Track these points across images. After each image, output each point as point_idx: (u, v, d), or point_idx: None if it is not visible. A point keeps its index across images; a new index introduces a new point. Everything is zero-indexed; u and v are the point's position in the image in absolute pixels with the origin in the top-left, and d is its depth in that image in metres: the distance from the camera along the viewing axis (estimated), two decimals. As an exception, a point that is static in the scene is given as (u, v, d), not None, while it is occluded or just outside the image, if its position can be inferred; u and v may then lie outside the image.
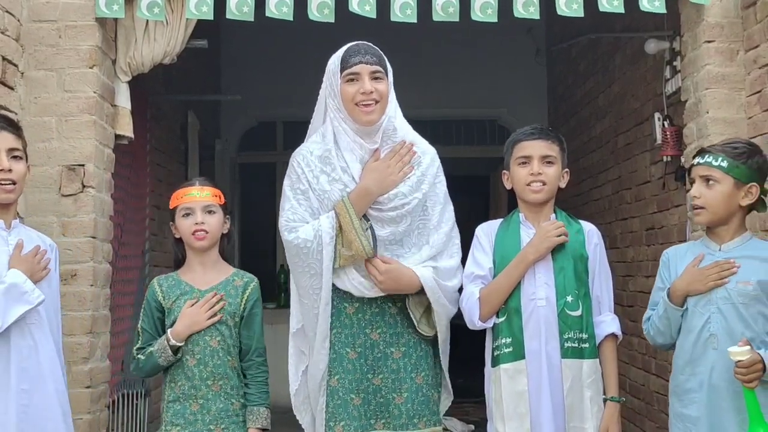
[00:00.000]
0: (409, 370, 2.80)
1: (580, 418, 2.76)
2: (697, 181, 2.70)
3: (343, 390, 2.79)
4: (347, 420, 2.76)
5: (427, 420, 2.80)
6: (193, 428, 2.80)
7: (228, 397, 2.83)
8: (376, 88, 2.77)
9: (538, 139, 2.86)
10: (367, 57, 2.79)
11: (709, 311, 2.64)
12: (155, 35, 3.49)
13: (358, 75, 2.77)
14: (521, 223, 2.89)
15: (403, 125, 2.92)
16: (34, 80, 3.35)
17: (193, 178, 3.08)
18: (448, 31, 4.34)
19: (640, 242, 4.97)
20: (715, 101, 3.41)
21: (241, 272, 2.99)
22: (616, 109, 5.45)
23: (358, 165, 2.83)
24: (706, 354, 2.63)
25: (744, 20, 3.41)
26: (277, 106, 7.74)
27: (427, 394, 2.82)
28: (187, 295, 2.86)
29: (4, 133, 2.62)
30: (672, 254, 2.84)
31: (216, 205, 2.92)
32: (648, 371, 4.77)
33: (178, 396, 2.82)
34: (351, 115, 2.79)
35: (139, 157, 4.85)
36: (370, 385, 2.80)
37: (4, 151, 2.60)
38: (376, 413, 2.79)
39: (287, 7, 3.34)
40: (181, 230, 2.91)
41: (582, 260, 2.84)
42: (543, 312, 2.78)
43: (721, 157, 2.65)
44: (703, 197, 2.67)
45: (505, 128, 8.11)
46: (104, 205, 3.49)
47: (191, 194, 2.91)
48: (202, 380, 2.81)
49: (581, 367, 2.77)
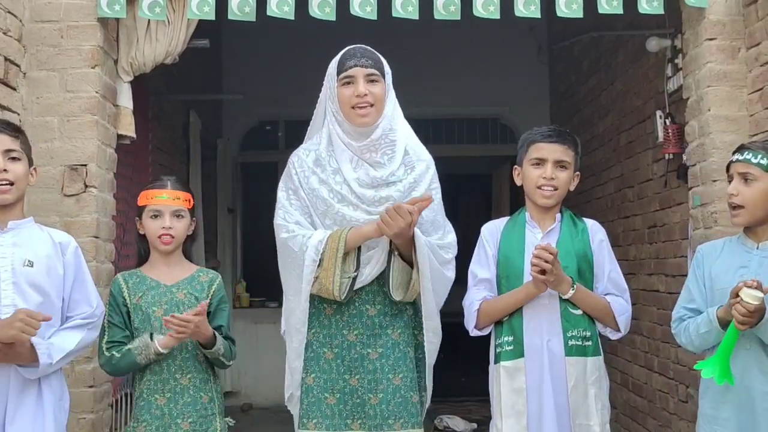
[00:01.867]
0: (386, 371, 2.79)
1: (585, 416, 2.77)
2: (735, 178, 2.64)
3: (317, 389, 2.81)
4: (320, 418, 2.79)
5: (404, 422, 2.77)
6: (160, 422, 2.80)
7: (197, 390, 2.84)
8: (371, 91, 2.78)
9: (555, 143, 2.85)
10: (362, 60, 2.79)
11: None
12: (157, 35, 3.49)
13: (353, 78, 2.78)
14: (527, 222, 2.90)
15: (403, 127, 2.91)
16: (37, 80, 3.36)
17: (164, 177, 3.02)
18: (449, 30, 4.34)
19: (642, 240, 4.97)
20: (717, 99, 3.41)
21: (204, 269, 3.02)
22: (618, 107, 5.44)
23: (348, 165, 2.82)
24: (738, 354, 2.56)
25: (745, 18, 3.40)
26: (279, 105, 7.74)
27: (405, 395, 2.80)
28: (153, 290, 2.86)
29: (1, 135, 2.62)
30: (706, 251, 2.77)
31: (185, 209, 2.93)
32: (650, 369, 4.77)
33: (143, 391, 2.82)
34: (347, 118, 2.81)
35: (141, 156, 4.85)
36: (346, 386, 2.81)
37: (0, 153, 2.61)
38: (353, 413, 2.79)
39: (288, 6, 3.34)
40: (147, 231, 2.91)
41: (586, 259, 2.84)
42: (546, 310, 2.79)
43: (761, 154, 2.59)
44: (740, 195, 2.61)
45: (508, 127, 8.11)
46: (106, 204, 3.49)
47: (161, 197, 2.91)
48: (170, 374, 2.82)
49: (585, 365, 2.78)
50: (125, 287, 2.89)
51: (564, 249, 2.82)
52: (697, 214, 3.56)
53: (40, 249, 2.68)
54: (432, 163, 2.92)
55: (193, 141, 6.34)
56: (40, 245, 2.69)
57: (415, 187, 2.83)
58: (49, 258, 2.68)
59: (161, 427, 2.79)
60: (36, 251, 2.66)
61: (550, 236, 2.87)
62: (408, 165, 2.86)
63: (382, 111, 2.82)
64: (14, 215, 2.68)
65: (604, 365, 2.87)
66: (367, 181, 2.81)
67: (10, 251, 2.62)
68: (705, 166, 3.47)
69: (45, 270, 2.66)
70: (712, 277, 2.68)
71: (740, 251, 2.66)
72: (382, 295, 2.84)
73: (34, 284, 2.63)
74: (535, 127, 2.97)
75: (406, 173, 2.84)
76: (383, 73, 2.83)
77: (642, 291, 4.84)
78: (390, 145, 2.84)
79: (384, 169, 2.82)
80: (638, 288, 4.87)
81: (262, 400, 7.04)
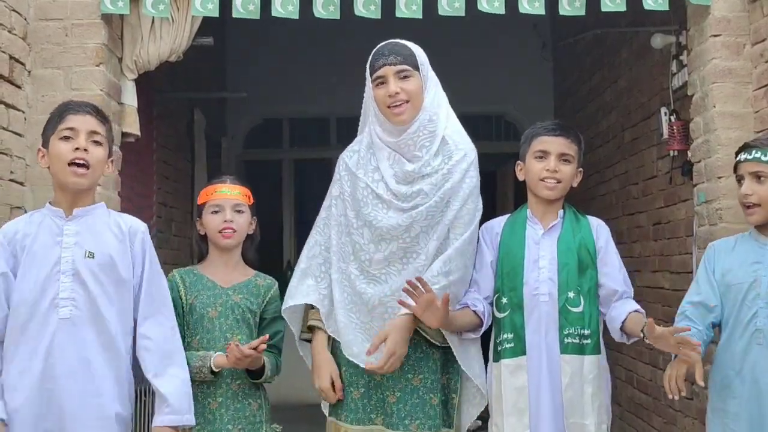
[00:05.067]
0: (405, 371, 2.75)
1: (580, 414, 2.74)
2: (747, 178, 2.63)
3: (345, 381, 2.81)
4: (347, 412, 2.79)
5: (420, 423, 2.73)
6: (212, 427, 2.77)
7: (245, 397, 2.81)
8: (403, 88, 2.75)
9: (559, 136, 2.85)
10: (390, 58, 2.77)
11: (757, 305, 2.59)
12: (161, 33, 3.49)
13: (385, 78, 2.77)
14: (528, 219, 2.89)
15: (445, 116, 2.85)
16: (41, 78, 3.36)
17: (223, 176, 3.03)
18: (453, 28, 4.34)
19: (647, 237, 4.96)
20: (722, 95, 3.40)
21: (262, 275, 2.97)
22: (623, 104, 5.44)
23: (386, 162, 2.80)
24: (750, 349, 2.58)
25: (750, 14, 3.39)
26: (283, 103, 7.75)
27: (424, 397, 2.76)
28: (209, 291, 2.83)
29: (87, 116, 2.58)
30: (719, 247, 2.78)
31: (245, 204, 2.92)
32: (655, 366, 4.76)
33: (196, 394, 2.76)
34: (386, 117, 2.79)
35: (146, 154, 4.86)
36: (371, 380, 2.79)
37: (85, 133, 2.55)
38: (377, 408, 2.79)
39: (293, 6, 3.34)
40: (208, 227, 2.88)
41: (588, 256, 2.82)
42: (545, 308, 2.78)
43: None
44: (756, 194, 2.61)
45: (512, 124, 8.10)
46: (111, 202, 3.49)
47: (222, 191, 2.90)
48: (222, 378, 2.78)
49: (582, 363, 2.75)
50: (182, 286, 2.85)
51: (565, 245, 2.81)
52: (702, 210, 3.56)
53: (105, 240, 2.59)
54: (472, 152, 2.86)
55: (197, 139, 6.35)
56: (106, 235, 2.60)
57: (448, 177, 2.77)
58: (114, 250, 2.59)
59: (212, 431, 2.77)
60: (100, 241, 2.58)
61: (551, 233, 2.85)
62: (446, 155, 2.81)
63: (420, 105, 2.79)
64: (84, 202, 2.60)
65: (606, 364, 2.84)
66: (402, 175, 2.78)
67: (73, 241, 2.55)
68: (710, 162, 3.46)
69: (107, 263, 2.56)
70: (724, 272, 2.68)
71: (754, 247, 2.66)
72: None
73: (96, 277, 2.55)
74: (538, 122, 2.97)
75: (443, 163, 2.79)
76: (417, 66, 2.80)
77: (647, 288, 4.83)
78: (429, 137, 2.79)
79: (419, 161, 2.78)
80: (643, 285, 4.86)
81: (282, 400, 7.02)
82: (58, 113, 2.61)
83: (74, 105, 2.64)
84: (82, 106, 2.64)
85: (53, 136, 2.57)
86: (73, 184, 2.56)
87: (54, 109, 2.68)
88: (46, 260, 2.54)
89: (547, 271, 2.79)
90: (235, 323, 2.82)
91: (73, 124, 2.56)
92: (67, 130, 2.55)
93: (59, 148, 2.54)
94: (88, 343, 2.53)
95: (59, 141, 2.55)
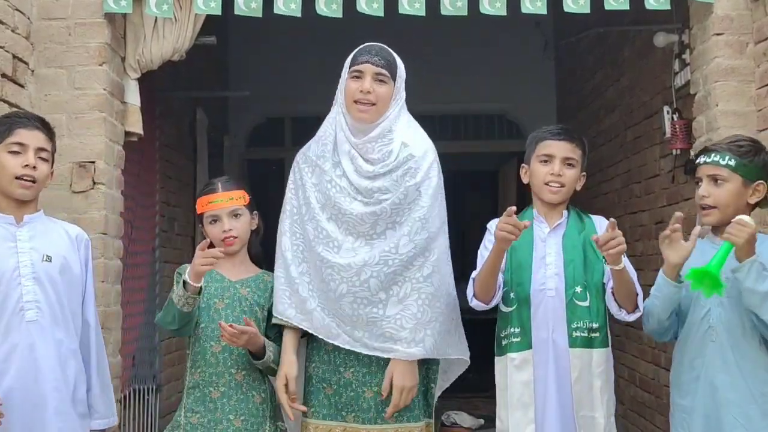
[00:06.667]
0: (382, 365, 2.78)
1: (590, 407, 2.77)
2: (705, 180, 2.69)
3: (316, 378, 2.84)
4: (317, 407, 2.82)
5: (398, 415, 2.77)
6: (212, 416, 2.79)
7: (249, 389, 2.83)
8: (376, 90, 2.78)
9: (563, 140, 2.88)
10: (375, 58, 2.80)
11: (709, 303, 2.64)
12: (164, 32, 3.50)
13: (362, 73, 2.79)
14: (534, 218, 2.91)
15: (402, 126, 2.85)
16: (45, 78, 3.37)
17: (215, 181, 3.04)
18: (455, 26, 4.34)
19: (649, 236, 4.96)
20: (725, 94, 3.40)
21: (268, 272, 3.00)
22: (625, 103, 5.43)
23: (347, 157, 2.82)
24: (704, 346, 2.64)
25: (753, 12, 3.39)
26: (286, 102, 7.74)
27: None
28: (218, 283, 2.87)
29: (36, 132, 2.65)
30: None
31: (241, 207, 2.95)
32: (658, 365, 4.76)
33: (198, 382, 2.81)
34: (348, 110, 2.82)
35: (148, 153, 4.86)
36: (341, 378, 2.81)
37: (33, 149, 2.62)
38: (347, 406, 2.80)
39: (295, 4, 3.35)
40: (210, 236, 2.93)
41: (593, 252, 2.83)
42: (551, 302, 2.80)
43: (728, 155, 2.65)
44: (712, 197, 2.66)
45: (514, 123, 8.09)
46: (114, 201, 3.50)
47: (215, 201, 2.92)
48: (226, 368, 2.81)
49: (591, 357, 2.78)
50: None
51: (570, 243, 2.85)
52: (704, 209, 3.55)
53: (57, 244, 2.68)
54: (432, 151, 2.85)
55: (199, 138, 6.35)
56: (57, 240, 2.69)
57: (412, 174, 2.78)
58: (67, 252, 2.68)
59: (213, 421, 2.79)
60: (53, 246, 2.66)
61: (557, 231, 2.89)
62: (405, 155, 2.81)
63: (384, 112, 2.81)
64: (30, 210, 2.67)
65: (612, 357, 2.87)
66: (362, 172, 2.80)
67: (28, 246, 2.61)
68: (712, 161, 3.46)
69: (63, 265, 2.65)
70: (681, 272, 2.72)
71: (708, 248, 2.71)
72: None
73: (53, 280, 2.62)
74: (543, 126, 3.00)
75: (405, 160, 2.80)
76: (394, 76, 2.83)
77: (649, 287, 4.81)
78: (387, 144, 2.82)
79: (378, 163, 2.80)
80: (646, 284, 4.83)
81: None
82: (6, 125, 2.65)
83: (23, 118, 2.69)
84: (32, 120, 2.69)
85: (0, 146, 2.61)
86: (20, 195, 2.63)
87: (0, 118, 2.72)
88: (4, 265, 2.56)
89: (554, 267, 2.82)
90: (241, 314, 2.84)
91: (23, 139, 2.62)
92: (17, 144, 2.61)
93: (7, 161, 2.60)
94: (58, 343, 2.60)
95: (7, 154, 2.60)
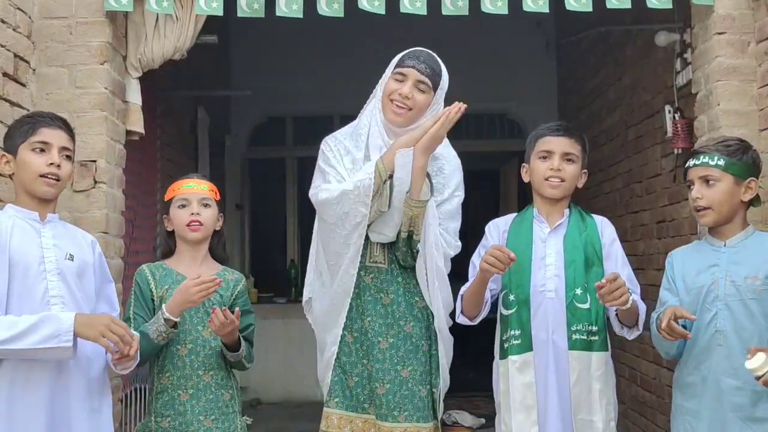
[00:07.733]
0: (394, 362, 2.82)
1: (588, 411, 2.76)
2: (696, 182, 2.71)
3: (341, 369, 2.87)
4: (341, 398, 2.85)
5: (408, 415, 2.80)
6: (182, 419, 2.81)
7: (218, 388, 2.86)
8: (415, 97, 2.82)
9: (562, 136, 2.89)
10: (421, 65, 2.85)
11: (716, 307, 2.64)
12: (165, 31, 3.50)
13: (405, 77, 2.84)
14: (534, 217, 2.91)
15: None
16: (46, 77, 3.37)
17: (190, 173, 3.13)
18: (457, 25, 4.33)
19: (651, 235, 4.96)
20: (727, 93, 3.40)
21: (230, 269, 3.03)
22: (627, 102, 5.43)
23: (377, 153, 2.86)
24: (711, 350, 2.64)
25: (755, 12, 3.39)
26: (287, 101, 7.75)
27: (412, 389, 2.83)
28: (179, 284, 2.85)
29: (60, 131, 2.67)
30: (677, 255, 2.85)
31: (212, 199, 2.96)
32: (659, 364, 4.76)
33: (166, 386, 2.83)
34: (383, 108, 2.86)
35: (150, 153, 4.87)
36: (364, 370, 2.86)
37: (57, 148, 2.64)
38: (369, 398, 2.84)
39: (297, 5, 3.34)
40: (175, 221, 2.93)
41: (594, 254, 2.84)
42: (551, 304, 2.80)
43: (717, 155, 2.67)
44: (705, 198, 2.68)
45: (515, 122, 8.09)
46: (116, 200, 3.50)
47: (188, 186, 2.95)
48: (193, 370, 2.83)
49: (590, 360, 2.78)
50: (152, 279, 2.89)
51: (572, 243, 2.84)
52: (706, 208, 3.55)
53: (78, 245, 2.70)
54: (460, 170, 2.98)
55: (201, 137, 6.35)
56: (79, 241, 2.72)
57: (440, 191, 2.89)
58: (86, 256, 2.70)
59: (184, 424, 2.81)
60: (75, 246, 2.68)
61: (557, 231, 2.88)
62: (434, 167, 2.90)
63: (417, 120, 2.85)
64: (50, 209, 2.69)
65: (611, 361, 2.86)
66: None
67: (52, 242, 2.62)
68: (714, 160, 3.46)
69: (81, 266, 2.66)
70: (684, 278, 2.75)
71: (709, 251, 2.72)
72: (396, 284, 2.88)
73: (75, 278, 2.63)
74: (542, 124, 3.00)
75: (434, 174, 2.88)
76: (436, 87, 2.87)
77: (651, 286, 4.82)
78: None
79: None
80: (647, 283, 4.86)
81: (271, 396, 7.05)
82: (30, 124, 2.66)
83: (47, 118, 2.71)
84: (54, 119, 2.71)
85: (23, 144, 2.63)
86: (43, 193, 2.63)
87: (22, 118, 2.75)
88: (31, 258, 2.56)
89: (554, 268, 2.81)
90: (205, 316, 2.85)
91: (47, 138, 2.64)
92: (41, 143, 2.63)
93: (31, 160, 2.61)
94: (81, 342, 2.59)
95: (31, 152, 2.62)
